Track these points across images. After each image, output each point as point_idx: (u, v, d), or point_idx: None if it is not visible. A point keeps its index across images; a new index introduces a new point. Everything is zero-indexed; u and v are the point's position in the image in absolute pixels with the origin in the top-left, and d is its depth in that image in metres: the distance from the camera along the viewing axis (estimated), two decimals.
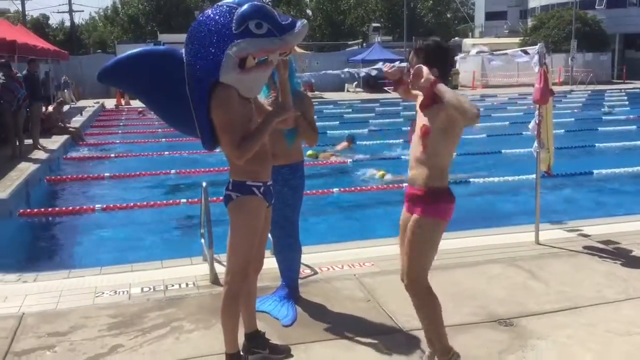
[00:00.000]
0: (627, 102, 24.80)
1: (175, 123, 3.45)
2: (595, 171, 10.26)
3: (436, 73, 3.09)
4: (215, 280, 4.93)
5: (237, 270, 3.33)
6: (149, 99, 3.39)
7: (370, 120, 18.91)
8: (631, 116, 19.03)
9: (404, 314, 4.12)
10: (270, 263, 5.26)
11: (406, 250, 3.27)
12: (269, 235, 4.16)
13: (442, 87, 3.01)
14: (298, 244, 4.46)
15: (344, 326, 4.05)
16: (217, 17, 3.11)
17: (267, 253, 5.50)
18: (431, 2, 50.74)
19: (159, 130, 17.15)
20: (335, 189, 9.20)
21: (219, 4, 3.19)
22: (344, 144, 13.07)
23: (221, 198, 3.44)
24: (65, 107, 19.09)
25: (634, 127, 16.55)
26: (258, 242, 3.43)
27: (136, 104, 27.06)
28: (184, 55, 3.22)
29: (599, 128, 16.25)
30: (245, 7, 3.07)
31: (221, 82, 3.11)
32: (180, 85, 3.20)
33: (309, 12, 54.96)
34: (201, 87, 3.14)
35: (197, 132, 3.32)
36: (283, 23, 3.10)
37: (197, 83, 3.15)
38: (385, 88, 31.22)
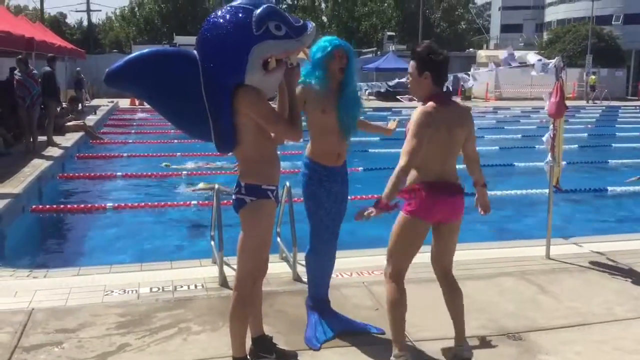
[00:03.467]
0: None
1: (186, 127, 3.37)
2: (609, 188, 10.19)
3: (429, 77, 3.36)
4: (224, 282, 4.93)
5: (247, 275, 3.32)
6: (159, 103, 3.24)
7: None
8: None
9: (412, 324, 4.09)
10: (279, 268, 5.29)
11: None
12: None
13: (385, 197, 3.25)
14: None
15: (352, 334, 4.03)
16: (233, 18, 3.06)
17: (275, 257, 5.56)
18: (440, 13, 50.66)
19: (172, 131, 17.24)
20: None
21: (232, 4, 3.15)
22: None
23: (232, 201, 3.40)
24: (79, 106, 19.24)
25: None
26: None
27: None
28: (197, 56, 3.15)
29: (613, 144, 16.15)
30: (262, 8, 3.06)
31: (244, 84, 3.10)
32: (194, 88, 3.11)
33: (324, 18, 55.14)
34: (224, 89, 3.09)
35: (211, 135, 3.25)
36: (296, 25, 3.12)
37: (219, 85, 3.09)
38: (398, 97, 31.30)
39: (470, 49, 50.77)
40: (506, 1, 59.38)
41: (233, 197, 3.32)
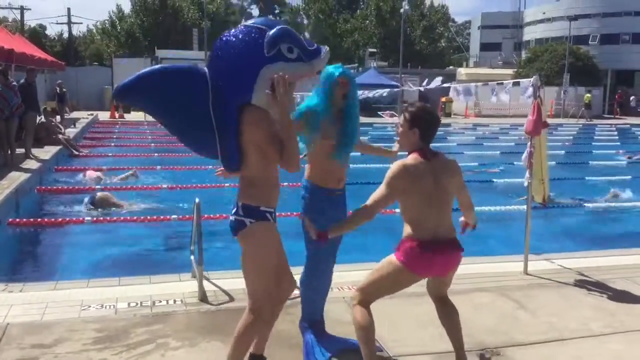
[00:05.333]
0: (617, 137, 25.13)
1: (193, 143, 3.32)
2: (586, 204, 10.35)
3: (417, 133, 3.48)
4: (203, 297, 4.90)
5: (264, 300, 3.25)
6: (167, 118, 3.20)
7: None
8: (621, 151, 19.27)
9: (392, 339, 4.12)
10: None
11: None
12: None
13: (335, 231, 3.49)
14: None
15: (349, 351, 3.97)
16: (246, 38, 3.06)
17: None
18: (421, 29, 51.29)
19: (152, 144, 17.17)
20: None
21: (246, 24, 3.15)
22: None
23: (212, 215, 3.40)
24: (57, 118, 19.06)
25: (623, 162, 16.74)
26: (281, 265, 3.39)
27: (130, 117, 27.04)
28: (207, 74, 3.14)
29: (590, 161, 16.41)
30: (276, 30, 3.06)
31: (251, 103, 3.08)
32: (202, 105, 3.10)
33: (306, 34, 55.46)
34: (231, 108, 3.08)
35: (218, 152, 3.21)
36: (310, 48, 3.13)
37: (227, 104, 3.08)
38: (379, 113, 31.54)
39: (451, 67, 51.39)
40: (485, 20, 60.29)
41: (231, 217, 3.25)
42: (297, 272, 4.15)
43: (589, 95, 35.62)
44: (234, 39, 3.10)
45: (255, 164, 3.17)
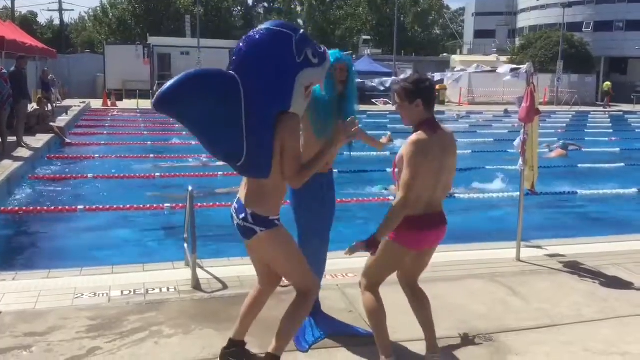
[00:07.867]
0: (610, 124, 25.20)
1: (220, 150, 3.18)
2: (579, 191, 10.39)
3: (421, 104, 3.42)
4: (197, 285, 4.90)
5: (316, 282, 3.41)
6: (200, 125, 3.06)
7: None
8: (613, 138, 19.33)
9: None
10: (251, 270, 5.28)
11: None
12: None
13: (380, 235, 3.35)
14: None
15: (341, 335, 4.04)
16: (276, 43, 3.01)
17: (247, 260, 5.54)
18: (412, 17, 51.15)
19: (145, 132, 17.10)
20: None
21: (271, 28, 3.06)
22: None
23: (205, 204, 3.38)
24: (49, 106, 18.92)
25: (617, 149, 16.80)
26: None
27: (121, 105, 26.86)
28: (237, 78, 3.00)
29: (583, 149, 16.45)
30: (300, 35, 3.06)
31: (287, 110, 3.05)
32: (235, 111, 2.99)
33: (300, 21, 55.21)
34: (269, 115, 3.01)
35: (241, 158, 3.06)
36: (320, 51, 3.16)
37: (265, 111, 3.01)
38: (373, 100, 31.50)
39: (444, 54, 51.28)
40: (479, 7, 60.12)
41: (239, 221, 3.20)
42: None
43: (608, 83, 36.03)
44: (265, 44, 3.01)
45: (276, 171, 3.11)
